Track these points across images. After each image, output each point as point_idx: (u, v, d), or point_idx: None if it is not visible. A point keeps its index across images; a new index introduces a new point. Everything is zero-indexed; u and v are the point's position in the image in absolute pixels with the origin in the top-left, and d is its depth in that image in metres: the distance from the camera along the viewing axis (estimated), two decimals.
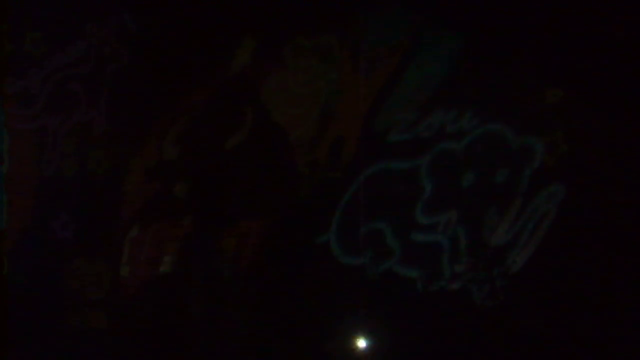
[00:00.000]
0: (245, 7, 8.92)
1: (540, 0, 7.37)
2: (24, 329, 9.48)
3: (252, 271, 8.70)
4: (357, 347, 7.79)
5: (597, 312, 6.83)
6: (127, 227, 9.55)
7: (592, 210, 6.98)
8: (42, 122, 10.29)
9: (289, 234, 8.48)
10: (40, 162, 10.22)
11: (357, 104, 8.33)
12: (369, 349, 7.76)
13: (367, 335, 7.79)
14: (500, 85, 7.52)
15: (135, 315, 9.22)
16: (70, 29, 10.15)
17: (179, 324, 8.83)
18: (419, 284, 7.74)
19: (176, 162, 9.41)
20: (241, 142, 8.99)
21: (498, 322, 7.20)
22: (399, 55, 8.19)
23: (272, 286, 8.43)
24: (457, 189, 7.67)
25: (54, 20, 10.12)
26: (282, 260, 8.45)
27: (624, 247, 6.81)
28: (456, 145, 7.73)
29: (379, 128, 8.16)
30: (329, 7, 8.46)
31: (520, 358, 7.03)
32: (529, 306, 7.11)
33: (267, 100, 8.91)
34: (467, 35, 7.77)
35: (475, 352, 7.21)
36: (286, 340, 8.15)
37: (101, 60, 10.00)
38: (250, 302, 8.52)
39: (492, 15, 7.54)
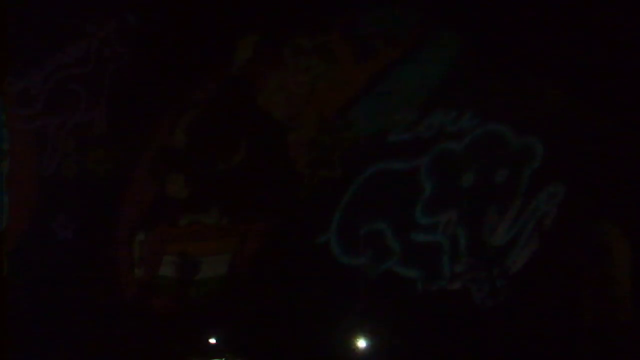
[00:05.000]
0: (246, 7, 8.92)
1: (541, 1, 7.37)
2: (25, 329, 9.47)
3: (253, 271, 8.70)
4: (357, 347, 7.79)
5: (596, 312, 6.83)
6: (127, 228, 9.55)
7: (592, 210, 6.98)
8: (42, 122, 10.29)
9: (289, 234, 8.48)
10: (40, 162, 10.23)
11: (357, 104, 8.34)
12: (369, 349, 7.76)
13: (367, 335, 7.78)
14: (500, 85, 7.52)
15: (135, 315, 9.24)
16: (70, 29, 10.16)
17: (178, 324, 8.83)
18: (419, 284, 7.74)
19: (177, 162, 9.41)
20: (241, 142, 9.00)
21: (498, 322, 7.20)
22: (399, 55, 8.19)
23: (272, 286, 8.43)
24: (457, 189, 7.67)
25: (54, 20, 10.13)
26: (282, 260, 8.45)
27: (623, 246, 6.81)
28: (456, 145, 7.73)
29: (379, 128, 8.16)
30: (329, 7, 8.47)
31: (520, 358, 7.03)
32: (529, 306, 7.11)
33: (267, 100, 8.92)
34: (467, 36, 7.77)
35: (475, 352, 7.20)
36: (286, 339, 8.15)
37: (101, 60, 10.00)
38: (251, 301, 8.52)
39: (493, 15, 7.54)
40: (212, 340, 8.45)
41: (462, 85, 7.78)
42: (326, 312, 7.96)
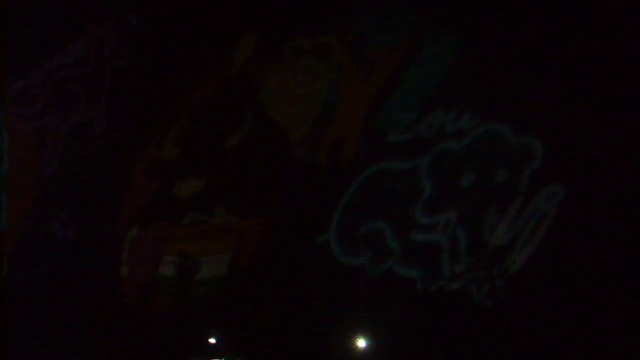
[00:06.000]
0: (246, 7, 8.93)
1: (541, 2, 7.37)
2: (24, 329, 9.48)
3: (253, 271, 8.71)
4: (357, 347, 7.79)
5: (596, 312, 6.82)
6: (127, 228, 9.55)
7: (592, 210, 6.97)
8: (42, 122, 10.30)
9: (289, 234, 8.49)
10: (40, 162, 10.23)
11: (358, 104, 8.34)
12: (369, 349, 7.76)
13: (367, 335, 7.79)
14: (500, 85, 7.52)
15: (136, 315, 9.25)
16: (70, 29, 10.17)
17: (178, 324, 8.84)
18: (419, 284, 7.73)
19: (177, 162, 9.42)
20: (241, 142, 9.00)
21: (498, 322, 7.20)
22: (399, 55, 8.19)
23: (273, 286, 8.44)
24: (457, 189, 7.67)
25: (54, 20, 10.13)
26: (282, 260, 8.45)
27: (623, 246, 6.81)
28: (456, 145, 7.73)
29: (379, 128, 8.16)
30: (329, 7, 8.47)
31: (520, 358, 7.03)
32: (529, 306, 7.11)
33: (267, 100, 8.92)
34: (467, 36, 7.77)
35: (475, 352, 7.20)
36: (286, 339, 8.15)
37: (101, 60, 10.01)
38: (251, 301, 8.53)
39: (493, 15, 7.54)
40: (212, 340, 8.46)
41: (462, 85, 7.78)
42: (326, 312, 7.95)
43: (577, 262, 6.95)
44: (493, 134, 7.54)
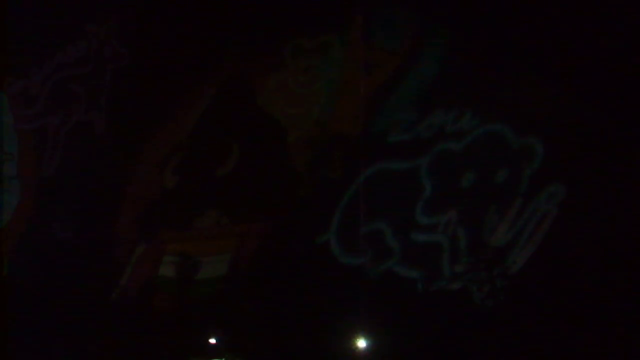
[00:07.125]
0: (246, 7, 8.93)
1: (541, 2, 7.37)
2: (25, 329, 9.47)
3: (253, 271, 8.70)
4: (357, 347, 7.79)
5: (596, 312, 6.82)
6: (127, 228, 9.55)
7: (592, 210, 6.97)
8: (43, 122, 10.30)
9: (289, 234, 8.48)
10: (40, 162, 10.23)
11: (358, 104, 8.34)
12: (369, 349, 7.76)
13: (367, 335, 7.78)
14: (500, 85, 7.53)
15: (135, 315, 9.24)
16: (70, 29, 10.17)
17: (178, 324, 8.83)
18: (419, 284, 7.73)
19: (178, 162, 9.42)
20: (241, 142, 9.01)
21: (498, 322, 7.20)
22: (399, 56, 8.20)
23: (272, 286, 8.43)
24: (457, 189, 7.67)
25: (54, 20, 10.14)
26: (282, 260, 8.45)
27: (623, 247, 6.81)
28: (456, 145, 7.74)
29: (379, 128, 8.16)
30: (329, 8, 8.47)
31: (520, 358, 7.02)
32: (529, 306, 7.11)
33: (267, 100, 8.92)
34: (468, 36, 7.77)
35: (475, 352, 7.20)
36: (286, 339, 8.15)
37: (101, 60, 10.02)
38: (251, 301, 8.52)
39: (493, 16, 7.54)
40: (212, 340, 8.45)
41: (463, 85, 7.78)
42: (326, 312, 7.95)
43: (577, 262, 6.94)
44: (493, 134, 7.54)
